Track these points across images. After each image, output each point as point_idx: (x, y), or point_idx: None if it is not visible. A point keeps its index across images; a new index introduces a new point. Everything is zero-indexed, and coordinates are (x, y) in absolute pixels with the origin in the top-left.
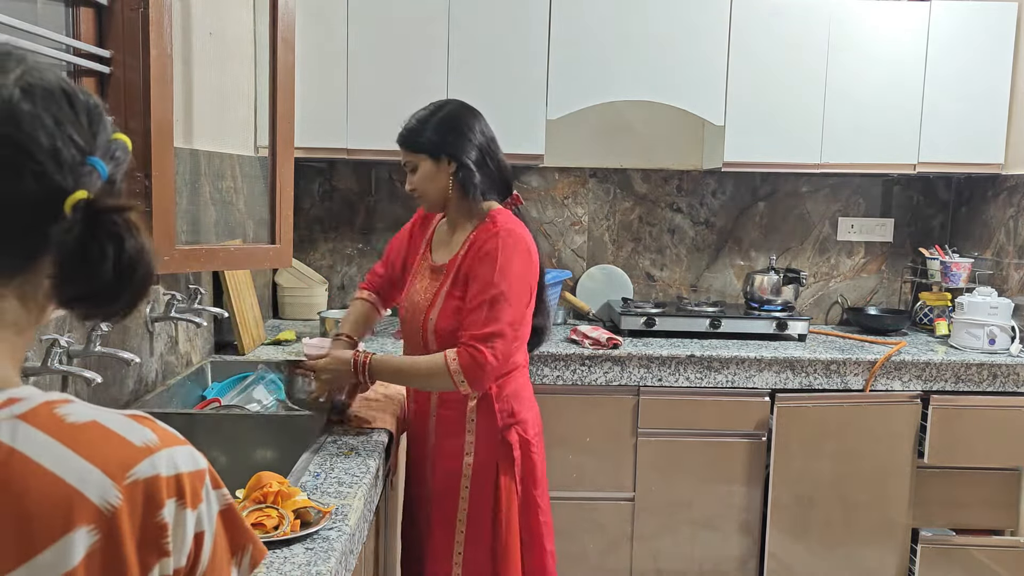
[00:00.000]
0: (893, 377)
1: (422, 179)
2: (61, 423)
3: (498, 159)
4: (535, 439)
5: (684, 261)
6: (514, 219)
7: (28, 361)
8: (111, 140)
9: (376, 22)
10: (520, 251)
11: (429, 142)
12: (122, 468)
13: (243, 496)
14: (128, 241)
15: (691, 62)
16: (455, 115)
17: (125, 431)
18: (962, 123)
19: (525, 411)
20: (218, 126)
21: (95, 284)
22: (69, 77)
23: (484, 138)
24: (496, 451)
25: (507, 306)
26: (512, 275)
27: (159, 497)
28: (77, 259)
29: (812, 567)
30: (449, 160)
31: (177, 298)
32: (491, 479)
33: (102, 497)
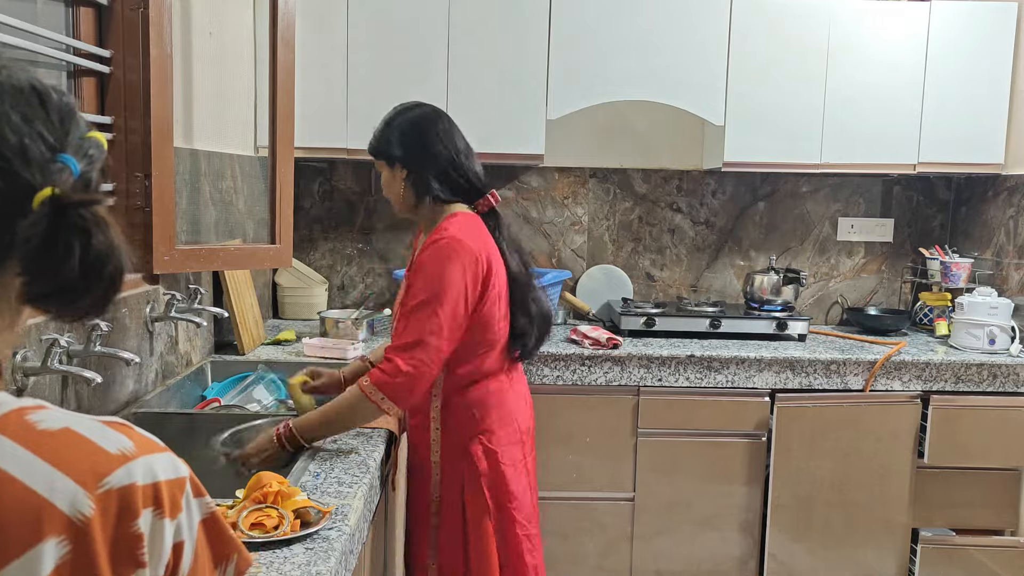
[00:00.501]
0: (893, 377)
1: (384, 183)
2: (32, 430)
3: (461, 165)
4: (504, 449)
5: (684, 261)
6: (466, 225)
7: (28, 361)
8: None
9: (376, 22)
10: (456, 259)
11: (384, 148)
12: (95, 476)
13: (243, 496)
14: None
15: (691, 62)
16: (412, 122)
17: (99, 438)
18: (962, 123)
19: (491, 420)
20: (218, 126)
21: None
22: (69, 77)
23: (443, 146)
24: (461, 464)
25: (429, 315)
26: (439, 283)
27: (134, 507)
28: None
29: (812, 567)
30: (403, 167)
31: (177, 298)
32: (458, 492)
33: (73, 506)
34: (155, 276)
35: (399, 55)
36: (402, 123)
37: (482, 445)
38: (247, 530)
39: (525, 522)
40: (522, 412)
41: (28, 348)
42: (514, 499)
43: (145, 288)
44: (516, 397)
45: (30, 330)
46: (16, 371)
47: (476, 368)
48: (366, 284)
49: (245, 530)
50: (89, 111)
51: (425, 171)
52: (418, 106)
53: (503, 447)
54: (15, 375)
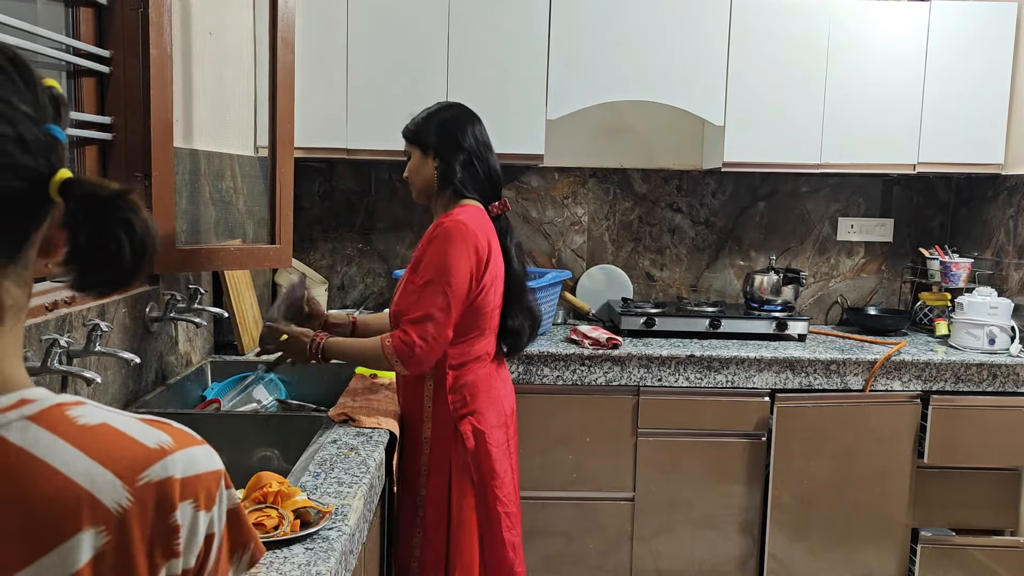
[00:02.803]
0: (893, 377)
1: (411, 168)
2: (72, 425)
3: (487, 163)
4: (492, 430)
5: (684, 261)
6: (475, 215)
7: (28, 361)
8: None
9: (376, 22)
10: (460, 242)
11: (422, 136)
12: (134, 470)
13: (243, 496)
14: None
15: (691, 62)
16: (452, 117)
17: (138, 433)
18: (962, 123)
19: (480, 402)
20: (218, 126)
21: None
22: (69, 77)
23: (475, 142)
24: (450, 440)
25: (438, 292)
26: (447, 262)
27: (172, 499)
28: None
29: (812, 567)
30: (435, 156)
31: (177, 298)
32: (446, 467)
33: (112, 499)
34: (155, 276)
35: (399, 55)
36: (443, 116)
37: (471, 425)
38: None
39: (506, 500)
40: (507, 396)
41: (28, 348)
42: (497, 477)
43: (145, 288)
44: (502, 382)
45: (30, 330)
46: None
47: (467, 351)
48: (366, 284)
49: None
50: (89, 111)
51: (454, 162)
52: (459, 105)
53: (490, 428)
54: None
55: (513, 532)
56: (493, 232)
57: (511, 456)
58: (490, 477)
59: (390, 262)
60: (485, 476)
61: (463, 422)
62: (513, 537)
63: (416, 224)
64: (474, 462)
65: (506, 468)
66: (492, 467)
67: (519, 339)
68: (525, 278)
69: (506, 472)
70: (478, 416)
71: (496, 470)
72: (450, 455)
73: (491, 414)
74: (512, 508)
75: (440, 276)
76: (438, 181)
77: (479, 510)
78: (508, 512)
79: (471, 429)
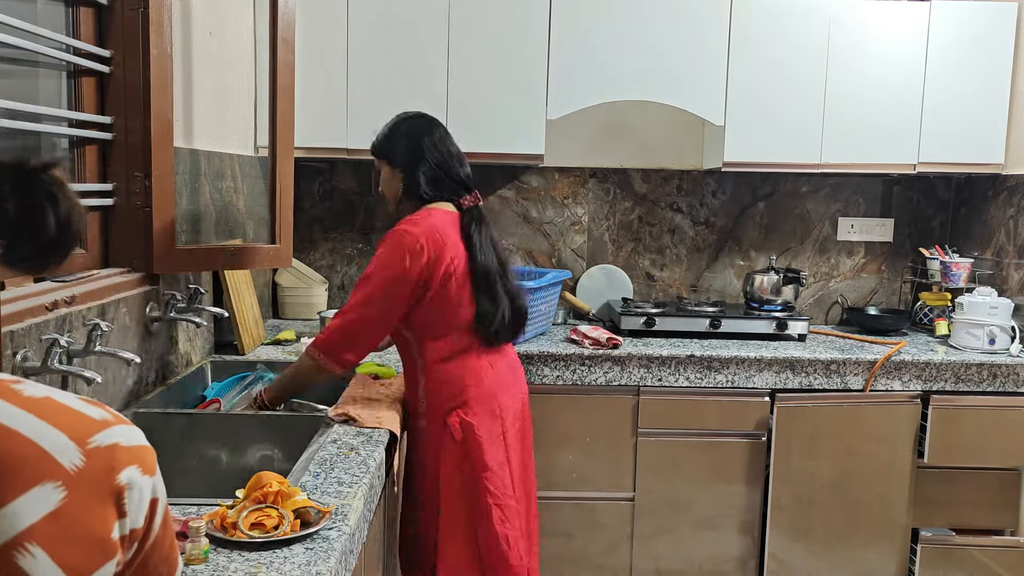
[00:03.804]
0: (893, 377)
1: (383, 182)
2: (19, 395)
3: (451, 170)
4: (481, 421)
5: (684, 261)
6: (426, 218)
7: (28, 361)
8: None
9: (376, 22)
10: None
11: (386, 150)
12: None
13: (243, 496)
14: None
15: (691, 62)
16: (411, 129)
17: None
18: (962, 123)
19: (468, 395)
20: (218, 126)
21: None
22: (69, 77)
23: (436, 151)
24: (440, 433)
25: (363, 288)
26: (377, 263)
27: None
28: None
29: (812, 567)
30: (400, 169)
31: (177, 298)
32: (436, 459)
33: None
34: (155, 276)
35: (399, 55)
36: (402, 128)
37: (459, 417)
38: (247, 530)
39: (499, 493)
40: (504, 389)
41: (28, 348)
42: (488, 469)
43: (145, 288)
44: (496, 377)
45: (30, 330)
46: (16, 371)
47: (450, 345)
48: None
49: (245, 530)
50: (89, 111)
51: (417, 174)
52: (420, 116)
53: (479, 419)
54: (15, 375)
55: (508, 525)
56: (452, 230)
57: (507, 449)
58: (480, 469)
59: None
60: (476, 468)
61: (451, 415)
62: (508, 530)
63: None
64: (463, 454)
65: (500, 461)
66: (483, 460)
67: (489, 322)
68: (497, 267)
69: (500, 465)
70: (466, 408)
71: (487, 462)
72: (440, 448)
73: (481, 406)
74: (506, 501)
75: (370, 275)
76: (403, 192)
77: (470, 503)
78: (500, 504)
79: (459, 421)
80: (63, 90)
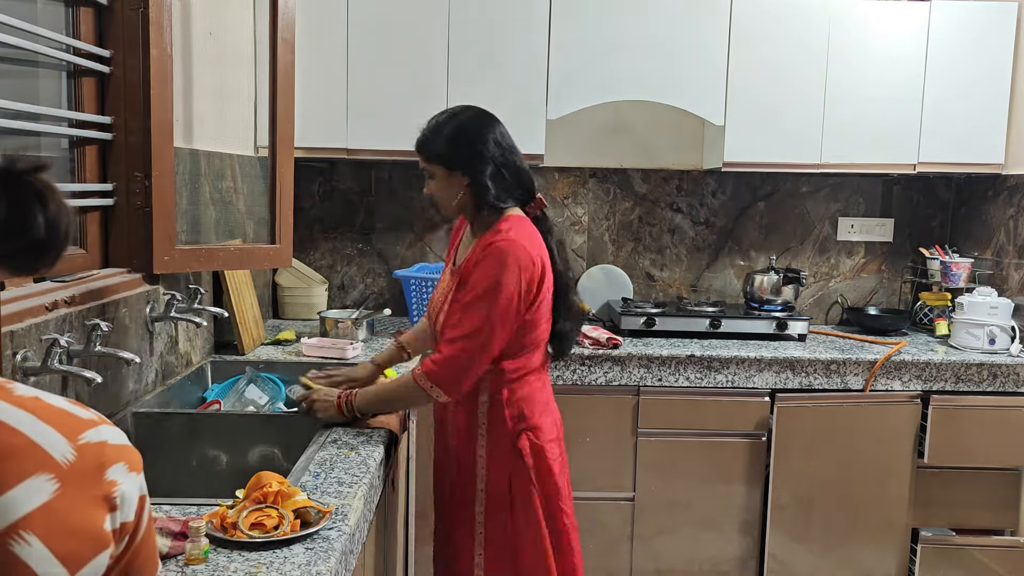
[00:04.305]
0: (893, 377)
1: (438, 187)
2: (10, 394)
3: (515, 167)
4: (550, 444)
5: (684, 261)
6: (521, 227)
7: (28, 361)
8: None
9: (376, 22)
10: (508, 261)
11: (444, 153)
12: (74, 431)
13: (243, 496)
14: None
15: (691, 62)
16: (470, 126)
17: (68, 407)
18: (962, 123)
19: (538, 416)
20: (218, 126)
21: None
22: (69, 77)
23: (499, 149)
24: (509, 456)
25: (481, 311)
26: (495, 282)
27: (108, 459)
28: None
29: (812, 567)
30: (463, 173)
31: (177, 298)
32: (505, 483)
33: (59, 451)
34: (155, 276)
35: (399, 55)
36: (459, 125)
37: (529, 441)
38: (247, 530)
39: (571, 511)
40: (556, 408)
41: (28, 348)
42: (560, 491)
43: (145, 288)
44: (551, 394)
45: (30, 330)
46: (16, 371)
47: (521, 366)
48: (366, 284)
49: (245, 530)
50: (89, 111)
51: (484, 176)
52: (472, 109)
53: (547, 443)
54: (15, 375)
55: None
56: (541, 241)
57: (566, 468)
58: (554, 491)
59: (390, 262)
60: (549, 491)
61: (521, 438)
62: (577, 544)
63: (416, 224)
64: (537, 479)
65: (566, 481)
66: (555, 481)
67: (567, 342)
68: (568, 277)
69: (566, 485)
70: (536, 432)
71: (559, 484)
72: (509, 473)
73: (548, 428)
74: (575, 520)
75: (487, 295)
76: (472, 200)
77: (549, 526)
78: (574, 524)
79: (529, 445)
80: (63, 90)
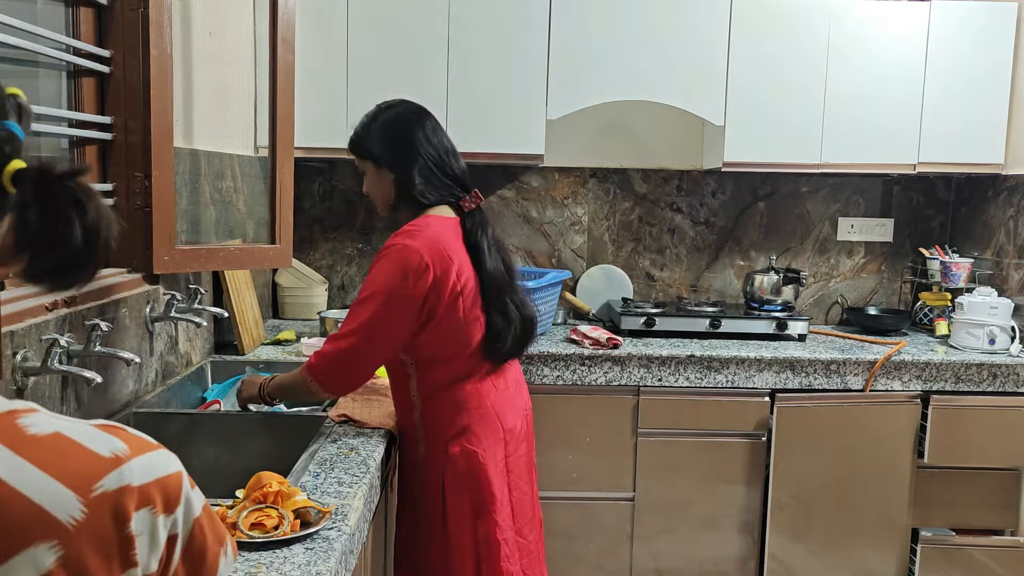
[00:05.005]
0: (893, 377)
1: (369, 184)
2: (22, 435)
3: (446, 165)
4: (487, 450)
5: (684, 261)
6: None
7: (28, 361)
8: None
9: (376, 22)
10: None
11: (372, 150)
12: (88, 480)
13: (243, 496)
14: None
15: (691, 62)
16: (397, 122)
17: (92, 442)
18: (962, 123)
19: (471, 420)
20: (218, 126)
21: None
22: (69, 77)
23: (429, 145)
24: (442, 462)
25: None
26: (377, 283)
27: (127, 509)
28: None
29: (812, 567)
30: (390, 170)
31: (177, 298)
32: (438, 491)
33: (65, 512)
34: (155, 276)
35: (399, 55)
36: (386, 121)
37: (460, 446)
38: (247, 530)
39: (505, 526)
40: (508, 413)
41: (28, 348)
42: (495, 500)
43: (145, 288)
44: (499, 399)
45: (30, 330)
46: (16, 371)
47: (451, 370)
48: None
49: (245, 530)
50: (89, 111)
51: (411, 172)
52: (401, 103)
53: (483, 447)
54: (15, 375)
55: (511, 562)
56: (455, 241)
57: (511, 474)
58: (489, 500)
59: None
60: (484, 500)
61: (453, 443)
62: (511, 566)
63: None
64: (469, 486)
65: (505, 490)
66: (490, 489)
67: (501, 341)
68: (506, 275)
69: (505, 494)
70: (469, 435)
71: (495, 492)
72: (442, 477)
73: (485, 432)
74: (511, 535)
75: (371, 296)
76: (397, 195)
77: (476, 535)
78: (507, 539)
79: (460, 450)
80: (63, 90)
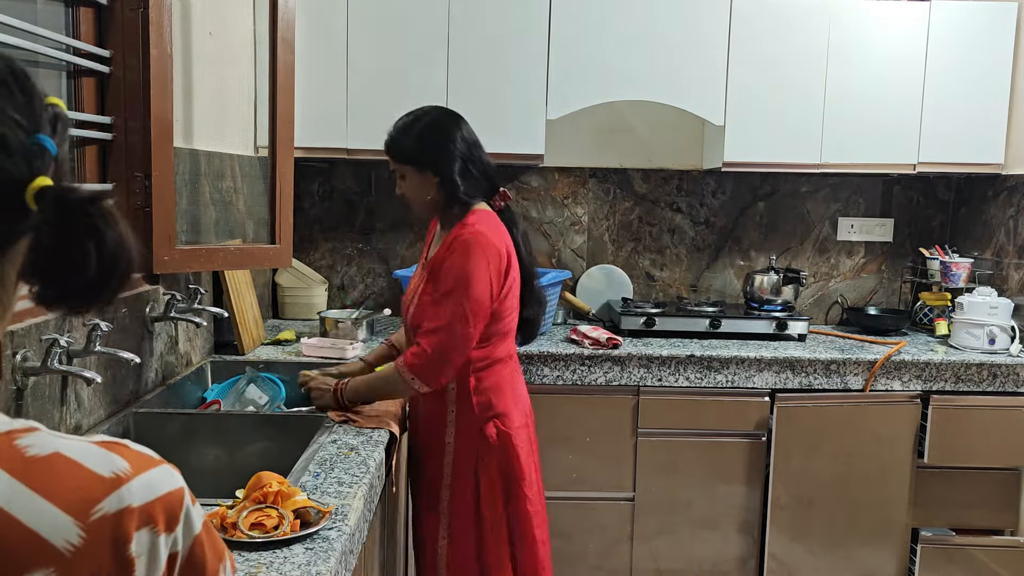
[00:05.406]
0: (893, 377)
1: (410, 188)
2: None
3: (482, 163)
4: (517, 431)
5: (684, 261)
6: (487, 220)
7: (28, 361)
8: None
9: (376, 22)
10: (476, 252)
11: (413, 154)
12: (87, 503)
13: (243, 496)
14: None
15: (691, 62)
16: (436, 125)
17: (92, 462)
18: (962, 123)
19: (505, 404)
20: (218, 126)
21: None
22: (69, 77)
23: (466, 145)
24: (475, 444)
25: (455, 303)
26: (463, 274)
27: (128, 531)
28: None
29: (812, 567)
30: (433, 173)
31: (177, 298)
32: (471, 470)
33: (62, 538)
34: (155, 276)
35: (399, 55)
36: (427, 127)
37: (496, 427)
38: (247, 530)
39: (535, 499)
40: (526, 395)
41: (28, 348)
42: (525, 478)
43: (145, 288)
44: (521, 381)
45: (30, 330)
46: (16, 371)
47: (489, 354)
48: (366, 284)
49: (245, 530)
50: (89, 111)
51: (453, 174)
52: (437, 109)
53: (515, 429)
54: (15, 375)
55: (543, 530)
56: (506, 233)
57: (534, 455)
58: (519, 478)
59: (390, 262)
60: (515, 477)
61: (488, 424)
62: (543, 535)
63: (416, 224)
64: (502, 464)
65: (531, 467)
66: (521, 467)
67: (533, 327)
68: (533, 266)
69: (532, 471)
70: (503, 418)
71: (524, 470)
72: (475, 459)
73: (516, 414)
74: (539, 507)
75: (460, 287)
76: (443, 198)
77: (509, 511)
78: (536, 511)
79: (496, 432)
80: (63, 90)
